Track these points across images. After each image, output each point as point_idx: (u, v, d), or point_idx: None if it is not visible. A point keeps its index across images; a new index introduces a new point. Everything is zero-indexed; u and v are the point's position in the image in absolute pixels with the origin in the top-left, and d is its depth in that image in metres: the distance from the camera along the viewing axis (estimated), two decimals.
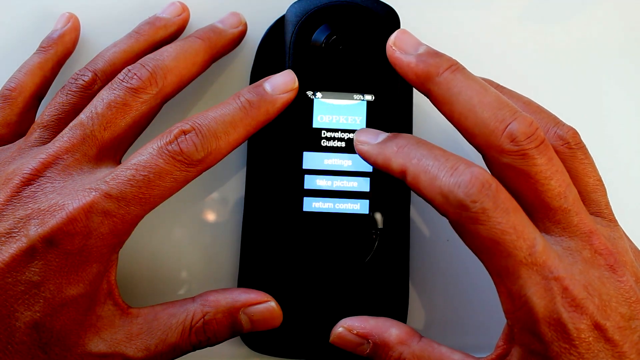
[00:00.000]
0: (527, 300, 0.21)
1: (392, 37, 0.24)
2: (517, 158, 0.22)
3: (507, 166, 0.22)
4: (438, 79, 0.23)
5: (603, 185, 0.25)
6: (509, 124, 0.22)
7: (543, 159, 0.22)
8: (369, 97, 0.26)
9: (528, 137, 0.22)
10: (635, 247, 0.25)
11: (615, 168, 0.31)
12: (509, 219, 0.20)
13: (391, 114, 0.26)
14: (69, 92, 0.25)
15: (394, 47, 0.24)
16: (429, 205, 0.22)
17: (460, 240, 0.22)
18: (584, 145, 0.25)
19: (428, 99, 0.24)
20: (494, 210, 0.20)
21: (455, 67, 0.23)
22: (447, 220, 0.22)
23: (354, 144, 0.25)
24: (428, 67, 0.23)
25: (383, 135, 0.24)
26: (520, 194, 0.22)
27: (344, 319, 0.25)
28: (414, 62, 0.23)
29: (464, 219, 0.21)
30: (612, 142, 0.32)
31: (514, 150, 0.22)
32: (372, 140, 0.24)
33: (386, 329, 0.24)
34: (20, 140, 0.25)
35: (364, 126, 0.26)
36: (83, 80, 0.25)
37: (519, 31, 0.32)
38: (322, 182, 0.26)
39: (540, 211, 0.22)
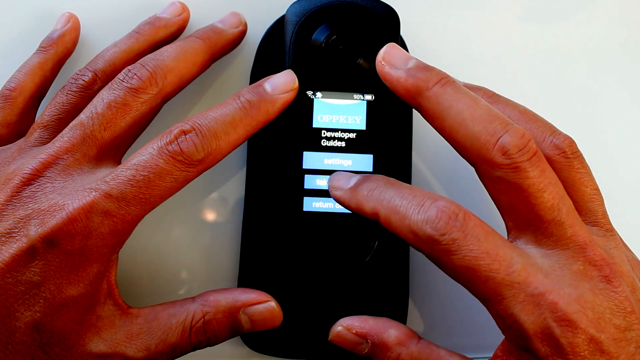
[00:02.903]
0: (515, 318, 0.20)
1: (381, 52, 0.24)
2: (509, 171, 0.21)
3: (500, 179, 0.22)
4: (428, 93, 0.23)
5: (600, 194, 0.25)
6: (500, 137, 0.21)
7: (535, 172, 0.22)
8: (369, 97, 0.26)
9: (520, 149, 0.21)
10: (633, 257, 0.24)
11: (614, 174, 0.31)
12: (480, 245, 0.21)
13: (391, 114, 0.26)
14: (69, 92, 0.25)
15: (383, 62, 0.24)
16: None
17: None
18: (581, 154, 0.25)
19: (419, 114, 0.24)
20: (464, 240, 0.21)
21: (445, 80, 0.23)
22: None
23: (329, 190, 0.25)
24: (417, 81, 0.23)
25: (354, 179, 0.24)
26: (513, 207, 0.22)
27: (343, 318, 0.25)
28: (403, 77, 0.23)
29: (437, 253, 0.21)
30: (611, 146, 0.32)
31: (506, 163, 0.21)
32: (345, 185, 0.24)
33: (385, 329, 0.24)
34: (20, 140, 0.25)
35: (364, 126, 0.26)
36: (83, 80, 0.25)
37: (519, 31, 0.32)
38: (322, 182, 0.26)
39: (533, 224, 0.22)
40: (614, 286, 0.21)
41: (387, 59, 0.24)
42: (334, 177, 0.25)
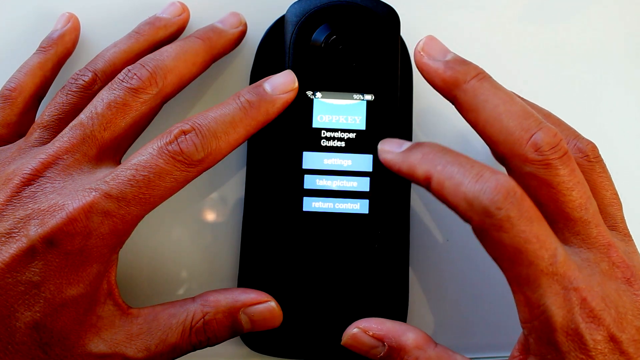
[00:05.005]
0: (546, 309, 0.21)
1: (421, 43, 0.25)
2: (540, 167, 0.22)
3: (530, 175, 0.22)
4: (465, 86, 0.23)
5: (619, 199, 0.25)
6: (534, 133, 0.22)
7: (566, 170, 0.22)
8: (368, 97, 0.26)
9: (552, 147, 0.22)
10: None
11: (614, 174, 0.31)
12: (532, 228, 0.20)
13: (391, 114, 0.26)
14: (69, 92, 0.25)
15: (422, 53, 0.24)
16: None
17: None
18: (602, 159, 0.25)
19: (453, 106, 0.24)
20: (519, 219, 0.20)
21: (482, 75, 0.23)
22: (464, 225, 0.22)
23: (378, 153, 0.25)
24: (456, 74, 0.23)
25: (407, 144, 0.24)
26: (542, 204, 0.22)
27: (358, 320, 0.25)
28: (441, 69, 0.24)
29: (487, 226, 0.21)
30: (611, 146, 0.32)
31: (538, 159, 0.22)
32: (396, 148, 0.24)
33: (403, 332, 0.24)
34: (20, 140, 0.25)
35: (364, 126, 0.26)
36: (83, 80, 0.25)
37: (519, 32, 0.32)
38: (322, 182, 0.26)
39: (560, 221, 0.22)
40: (635, 289, 0.22)
41: (427, 50, 0.24)
42: (384, 141, 0.25)
